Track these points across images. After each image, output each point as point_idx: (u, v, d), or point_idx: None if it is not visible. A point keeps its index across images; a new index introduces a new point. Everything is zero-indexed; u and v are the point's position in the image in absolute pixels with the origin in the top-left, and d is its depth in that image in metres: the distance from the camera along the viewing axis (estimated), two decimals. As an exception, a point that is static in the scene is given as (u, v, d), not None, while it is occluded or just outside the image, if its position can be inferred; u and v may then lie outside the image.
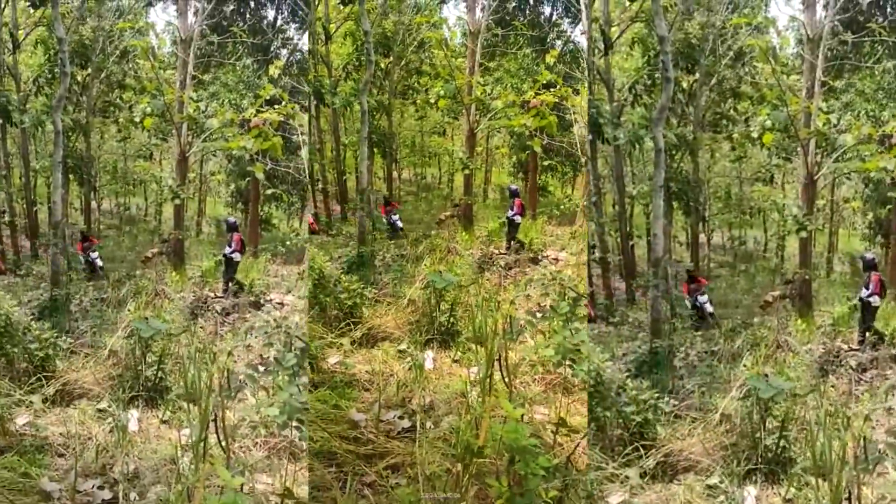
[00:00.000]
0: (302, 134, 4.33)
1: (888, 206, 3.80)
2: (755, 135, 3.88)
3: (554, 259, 4.50)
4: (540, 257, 4.52)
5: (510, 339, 3.71)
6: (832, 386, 3.56)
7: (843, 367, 3.63)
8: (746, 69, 3.93)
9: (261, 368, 3.63)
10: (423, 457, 3.33)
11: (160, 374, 3.76)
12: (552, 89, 4.41)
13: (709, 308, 3.83)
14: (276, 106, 4.21)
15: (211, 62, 4.32)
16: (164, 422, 3.64)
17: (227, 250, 4.22)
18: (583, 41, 4.35)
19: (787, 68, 3.88)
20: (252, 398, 3.54)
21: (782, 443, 3.29)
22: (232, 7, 4.32)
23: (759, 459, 3.30)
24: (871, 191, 3.86)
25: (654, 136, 3.75)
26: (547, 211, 4.63)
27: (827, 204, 3.98)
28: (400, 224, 4.63)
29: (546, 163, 4.63)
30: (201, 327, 4.03)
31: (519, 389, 3.75)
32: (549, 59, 4.47)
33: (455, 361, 4.10)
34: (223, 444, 3.10)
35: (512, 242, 4.57)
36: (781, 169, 3.95)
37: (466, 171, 4.64)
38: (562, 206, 4.62)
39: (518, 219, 4.54)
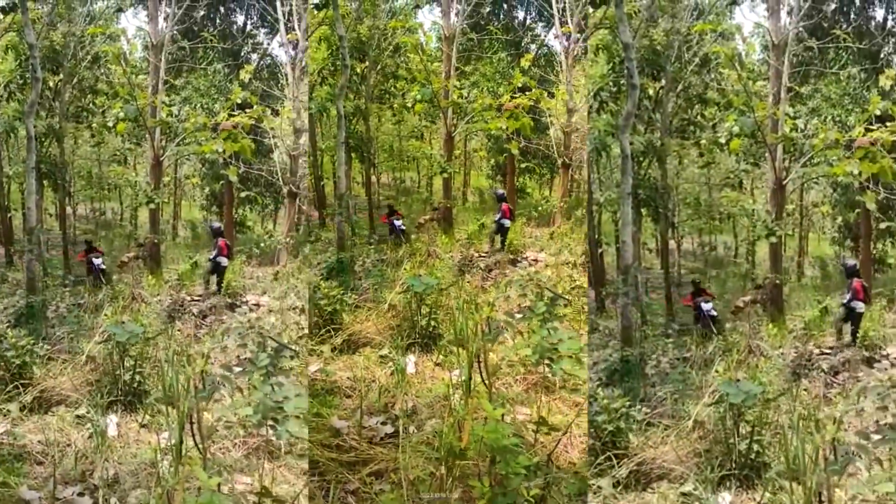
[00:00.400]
0: (273, 137, 4.57)
1: (857, 210, 4.01)
2: (723, 140, 4.07)
3: (533, 260, 4.71)
4: (519, 258, 4.73)
5: (489, 340, 3.85)
6: (805, 389, 3.72)
7: (815, 371, 3.81)
8: (712, 75, 4.12)
9: (237, 369, 3.76)
10: (407, 462, 3.47)
11: (138, 378, 3.94)
12: (527, 92, 4.63)
13: (713, 313, 3.98)
14: (247, 110, 4.43)
15: (182, 67, 4.53)
16: (143, 426, 3.81)
17: (211, 255, 4.45)
18: (556, 45, 4.60)
19: (753, 74, 4.07)
20: (230, 399, 3.68)
21: (755, 447, 3.45)
22: (202, 12, 4.52)
23: (733, 465, 3.45)
24: (839, 195, 4.06)
25: (620, 142, 3.92)
26: (525, 212, 4.83)
27: (796, 208, 4.18)
28: (403, 227, 4.84)
29: (524, 165, 4.84)
30: (178, 330, 4.20)
31: (501, 390, 3.90)
32: (525, 63, 4.69)
33: (437, 365, 4.27)
34: (199, 445, 3.26)
35: (495, 244, 4.77)
36: (750, 174, 4.14)
37: (445, 175, 4.84)
38: (540, 208, 4.83)
39: (507, 223, 4.75)
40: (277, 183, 4.60)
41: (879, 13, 3.99)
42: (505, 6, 4.75)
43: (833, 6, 3.99)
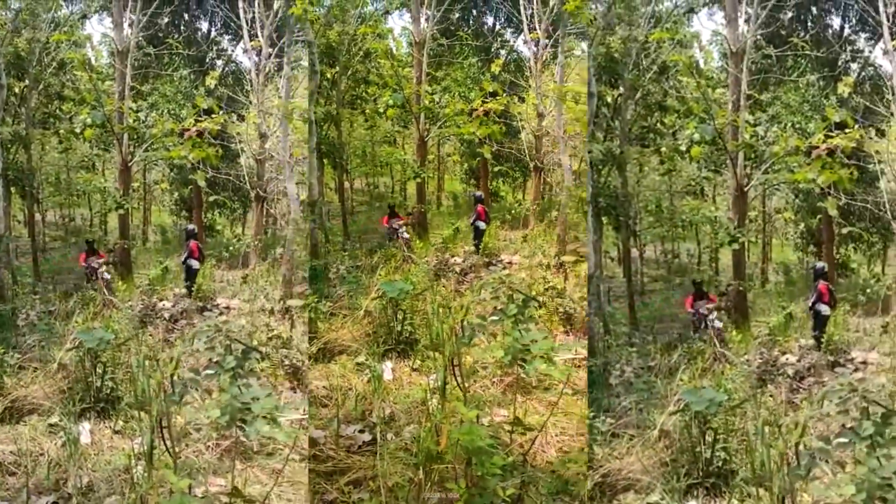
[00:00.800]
0: (240, 142, 4.85)
1: (818, 216, 4.27)
2: (683, 148, 4.30)
3: (508, 263, 4.99)
4: (494, 261, 5.00)
5: (463, 343, 4.03)
6: (770, 395, 3.93)
7: (781, 376, 4.02)
8: (671, 83, 4.34)
9: (207, 372, 4.03)
10: (385, 468, 3.66)
11: (111, 384, 4.17)
12: (497, 97, 4.90)
13: (717, 324, 4.16)
14: (212, 115, 4.70)
15: (148, 73, 4.79)
16: (116, 432, 4.04)
17: (181, 258, 4.72)
18: (525, 50, 4.88)
19: (712, 82, 4.31)
20: (202, 402, 3.83)
21: (722, 455, 3.65)
22: (167, 19, 4.78)
23: (700, 473, 3.65)
24: (801, 201, 4.31)
25: (579, 150, 4.18)
26: (499, 216, 5.09)
27: (759, 215, 4.42)
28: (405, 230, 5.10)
29: (496, 169, 5.11)
30: (150, 335, 4.44)
31: (478, 392, 4.13)
32: (495, 69, 4.96)
33: (414, 370, 4.50)
34: (169, 449, 3.45)
35: (479, 247, 5.04)
36: (711, 181, 4.38)
37: (419, 180, 5.08)
38: (513, 211, 5.10)
39: (482, 225, 5.02)
40: (245, 187, 4.87)
41: (836, 21, 4.24)
42: (474, 12, 5.01)
43: (790, 15, 4.24)
